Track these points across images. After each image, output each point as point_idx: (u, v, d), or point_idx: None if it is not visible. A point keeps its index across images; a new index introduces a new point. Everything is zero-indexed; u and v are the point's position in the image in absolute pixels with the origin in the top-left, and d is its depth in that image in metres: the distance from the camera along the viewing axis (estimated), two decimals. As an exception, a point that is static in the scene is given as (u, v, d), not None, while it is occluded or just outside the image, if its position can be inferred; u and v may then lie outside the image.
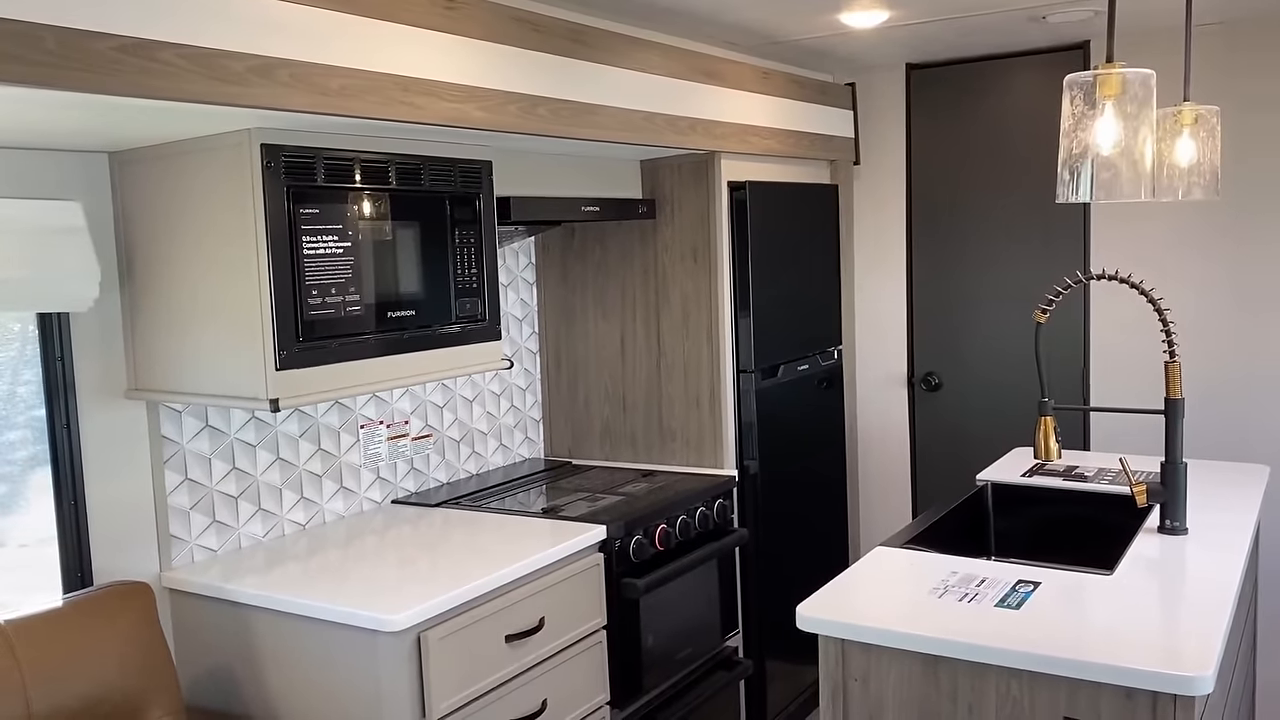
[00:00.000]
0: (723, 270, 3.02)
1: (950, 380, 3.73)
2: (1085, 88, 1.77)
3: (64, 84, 1.45)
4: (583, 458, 3.32)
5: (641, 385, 3.19)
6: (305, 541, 2.47)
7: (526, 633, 2.25)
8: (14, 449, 2.09)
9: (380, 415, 2.79)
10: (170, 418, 2.29)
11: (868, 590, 1.91)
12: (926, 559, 2.06)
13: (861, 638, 1.76)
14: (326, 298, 2.08)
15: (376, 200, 2.18)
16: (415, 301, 2.28)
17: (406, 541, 2.43)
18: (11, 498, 2.09)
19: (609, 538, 2.51)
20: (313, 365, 2.05)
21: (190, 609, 2.25)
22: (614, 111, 2.54)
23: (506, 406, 3.22)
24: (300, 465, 2.57)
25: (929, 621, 1.74)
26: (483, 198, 2.44)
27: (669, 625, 2.72)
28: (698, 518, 2.81)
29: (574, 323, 3.29)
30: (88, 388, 2.14)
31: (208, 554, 2.37)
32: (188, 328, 2.10)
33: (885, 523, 3.86)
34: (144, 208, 2.14)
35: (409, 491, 2.89)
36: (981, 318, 3.67)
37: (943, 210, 3.71)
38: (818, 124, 3.47)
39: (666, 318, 3.12)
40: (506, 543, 2.38)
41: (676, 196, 3.07)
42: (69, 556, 2.14)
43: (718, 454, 3.08)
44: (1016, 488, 2.66)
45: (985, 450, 3.67)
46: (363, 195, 2.14)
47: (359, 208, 2.13)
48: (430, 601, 2.02)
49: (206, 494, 2.36)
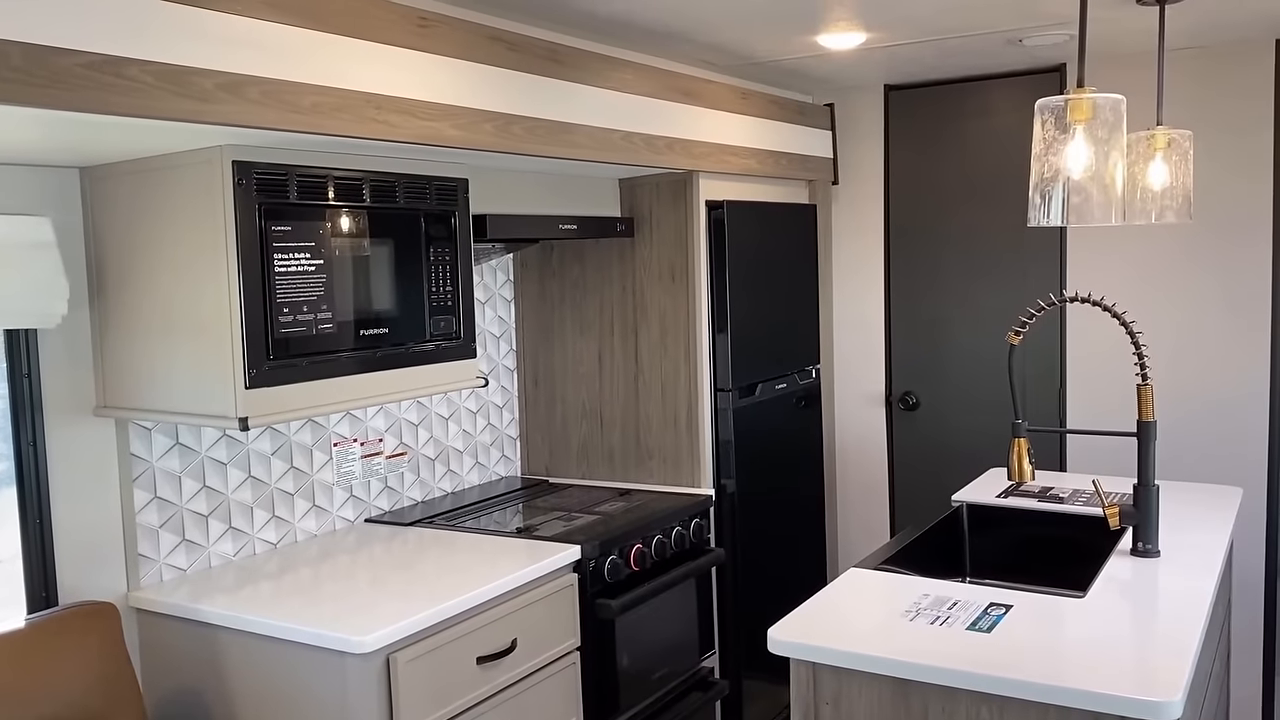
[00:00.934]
0: (700, 289, 3.02)
1: (928, 400, 3.74)
2: (1056, 112, 1.78)
3: (30, 100, 1.44)
4: (560, 476, 3.31)
5: (619, 403, 3.18)
6: (276, 561, 2.45)
7: (498, 654, 2.23)
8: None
9: (354, 433, 2.77)
10: (140, 435, 2.26)
11: (840, 612, 1.90)
12: (899, 581, 2.06)
13: (832, 661, 1.75)
14: (298, 315, 2.06)
15: (350, 218, 2.17)
16: (389, 319, 2.27)
17: (379, 561, 2.41)
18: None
19: (583, 558, 2.50)
20: (283, 384, 2.04)
21: (158, 629, 2.23)
22: (590, 130, 2.54)
23: (483, 424, 3.21)
24: (272, 483, 2.55)
25: (900, 644, 1.74)
26: (458, 215, 2.44)
27: (644, 646, 2.70)
28: (674, 537, 2.80)
29: (552, 340, 3.28)
30: (55, 405, 2.11)
31: (177, 573, 2.34)
32: (158, 345, 2.09)
33: (863, 542, 3.86)
34: (115, 223, 2.12)
35: (383, 510, 2.86)
36: (959, 338, 3.68)
37: (921, 230, 3.72)
38: (796, 144, 3.49)
39: (645, 336, 3.12)
40: (479, 563, 2.37)
41: (655, 215, 3.07)
42: (34, 576, 2.11)
43: (695, 473, 3.07)
44: (991, 509, 2.66)
45: (963, 470, 3.68)
46: (336, 213, 2.13)
47: (332, 225, 2.12)
48: (400, 623, 2.00)
49: (176, 512, 2.34)
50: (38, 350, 2.09)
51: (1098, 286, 3.42)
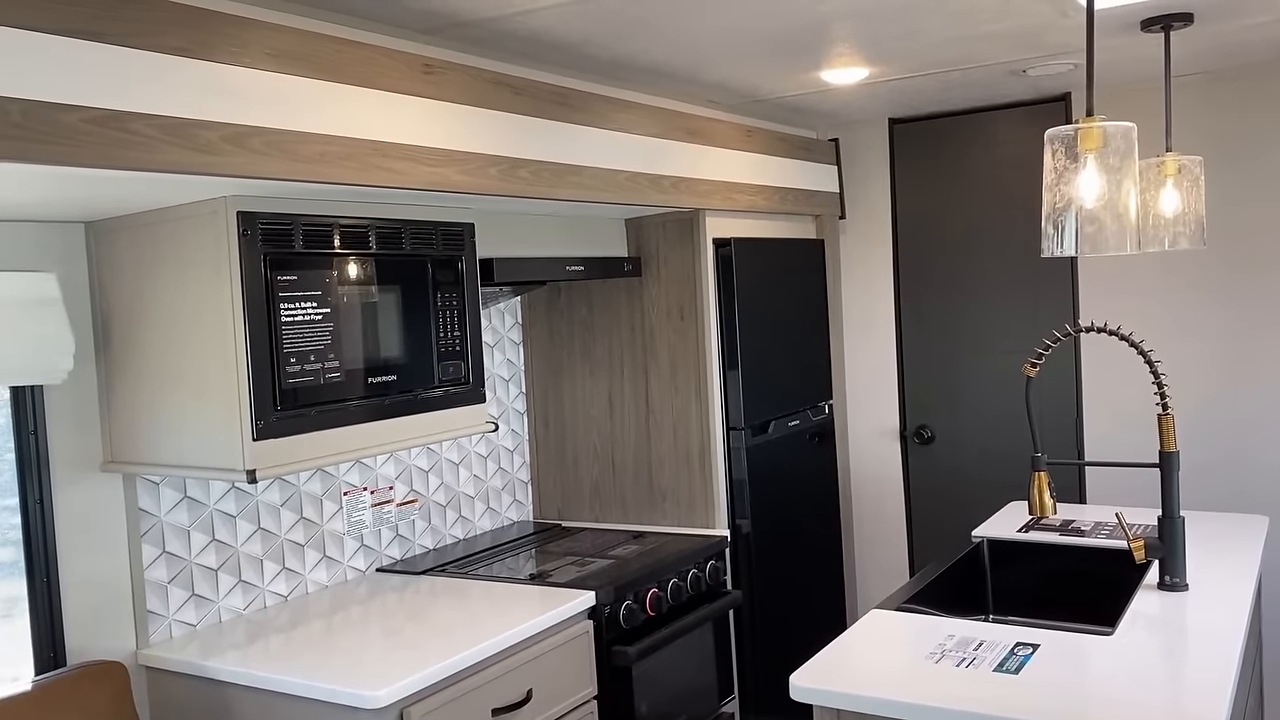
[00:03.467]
0: (710, 327, 3.00)
1: (943, 433, 3.70)
2: (1067, 141, 1.77)
3: (32, 157, 1.43)
4: (572, 519, 3.27)
5: (631, 444, 3.15)
6: (287, 614, 2.41)
7: (514, 706, 2.18)
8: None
9: (364, 481, 2.74)
10: (148, 489, 2.24)
11: (863, 656, 1.85)
12: (923, 621, 2.01)
13: (857, 707, 1.70)
14: (305, 365, 2.04)
15: (356, 265, 2.15)
16: (397, 366, 2.25)
17: (391, 612, 2.37)
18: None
19: (598, 604, 2.45)
20: (291, 434, 2.01)
21: (168, 687, 2.19)
22: (596, 172, 2.54)
23: (494, 468, 3.18)
24: (282, 535, 2.52)
25: (925, 689, 1.69)
26: (465, 260, 2.42)
27: (663, 692, 2.65)
28: (690, 580, 2.76)
29: (561, 382, 3.26)
30: (62, 461, 2.09)
31: (186, 629, 2.30)
32: (165, 398, 2.07)
33: (881, 578, 3.80)
34: (120, 277, 2.11)
35: (394, 559, 2.83)
36: (972, 369, 3.65)
37: (930, 262, 3.70)
38: (802, 179, 3.48)
39: (655, 375, 3.09)
40: (493, 611, 2.33)
41: (662, 254, 3.05)
42: (41, 635, 2.07)
43: (709, 513, 3.03)
44: (1013, 544, 2.61)
45: (981, 503, 3.63)
46: (342, 260, 2.12)
47: (338, 273, 2.11)
48: (413, 676, 1.96)
49: (185, 567, 2.30)
50: (44, 406, 2.07)
51: (1111, 315, 3.39)
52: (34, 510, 2.06)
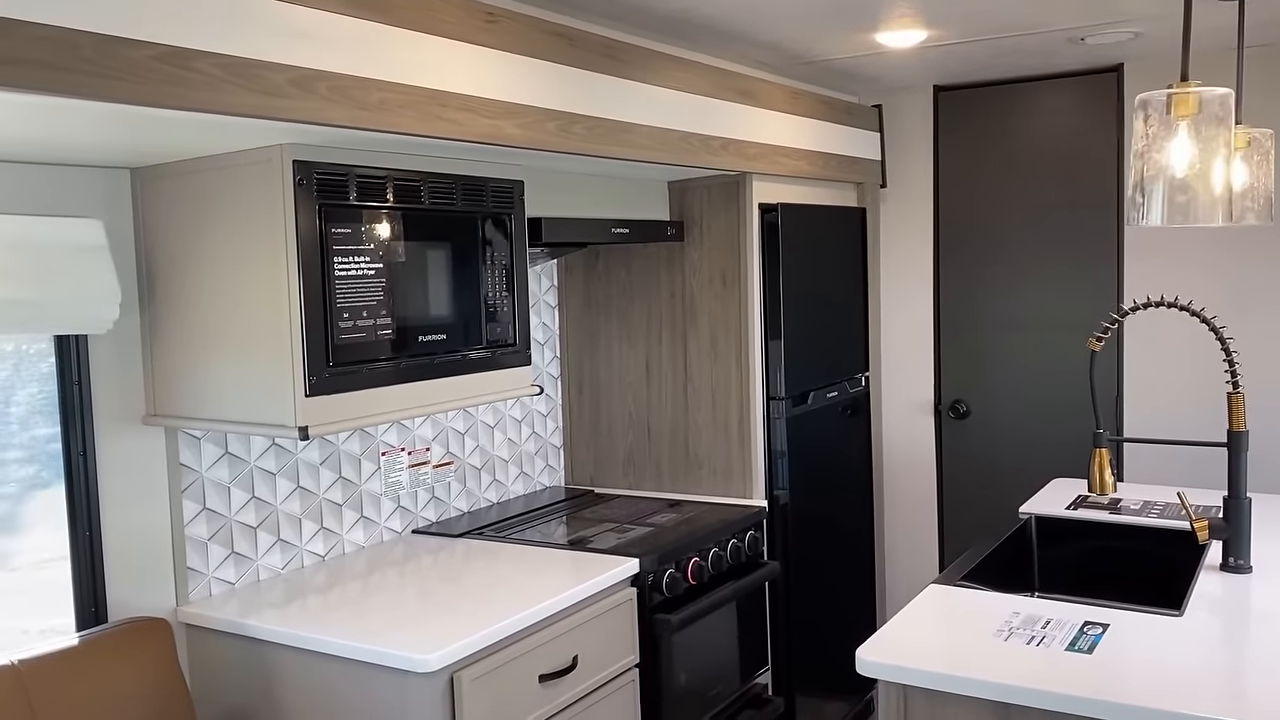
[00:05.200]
0: (753, 294, 2.94)
1: (979, 408, 3.65)
2: (1159, 107, 1.70)
3: (101, 94, 1.37)
4: (605, 486, 3.23)
5: (667, 412, 3.10)
6: (325, 574, 2.37)
7: (560, 672, 2.15)
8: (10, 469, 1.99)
9: (401, 442, 2.69)
10: (189, 444, 2.19)
11: (929, 632, 1.81)
12: (984, 598, 1.97)
13: (926, 683, 1.66)
14: (358, 321, 1.99)
15: (408, 220, 2.09)
16: (445, 325, 2.20)
17: (431, 574, 2.34)
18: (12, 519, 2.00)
19: (642, 571, 2.42)
20: (343, 391, 1.96)
21: (208, 646, 2.15)
22: (648, 130, 2.47)
23: (528, 433, 3.13)
24: (320, 494, 2.47)
25: (998, 666, 1.65)
26: (514, 218, 2.36)
27: (700, 662, 2.62)
28: (730, 550, 2.72)
29: (597, 347, 3.20)
30: (105, 413, 2.05)
31: (225, 587, 2.27)
32: (211, 351, 2.01)
33: (911, 553, 3.76)
34: (167, 226, 2.05)
35: (429, 521, 2.79)
36: (1011, 344, 3.59)
37: (971, 234, 3.64)
38: (845, 146, 3.41)
39: (694, 343, 3.04)
40: (536, 576, 2.29)
41: (705, 218, 2.99)
42: (83, 590, 2.04)
43: (746, 483, 2.99)
44: (1062, 521, 2.57)
45: (1015, 480, 3.58)
46: (395, 215, 2.06)
47: (391, 227, 2.05)
48: (463, 640, 1.92)
49: (225, 524, 2.26)
50: (88, 357, 2.02)
51: (1156, 289, 3.33)
52: (77, 462, 2.01)
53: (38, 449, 2.00)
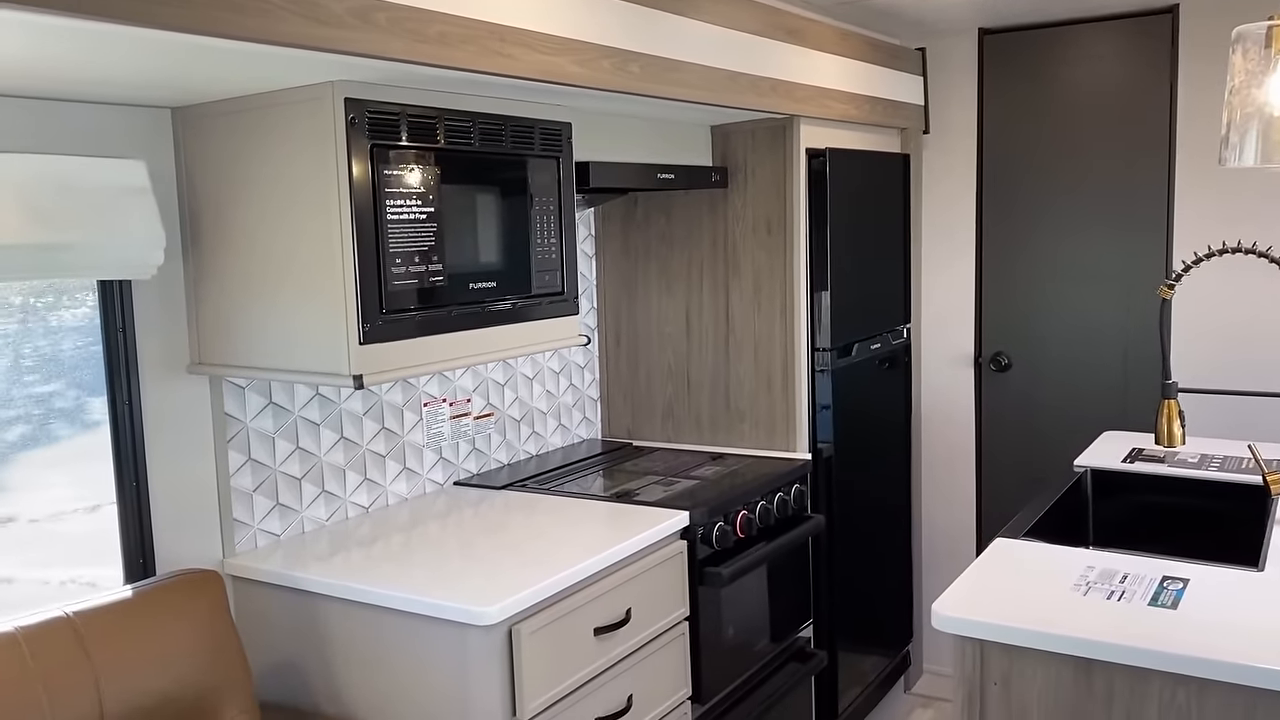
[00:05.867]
0: (799, 242, 2.86)
1: (1020, 360, 3.58)
2: (1257, 40, 1.62)
3: (156, 20, 1.29)
4: (643, 439, 3.18)
5: (708, 363, 3.04)
6: (370, 526, 2.33)
7: (614, 625, 2.11)
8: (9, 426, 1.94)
9: (443, 393, 2.64)
10: (233, 394, 2.14)
11: (1004, 587, 1.76)
12: (1055, 552, 1.92)
13: (1005, 639, 1.62)
14: (410, 267, 1.93)
15: (459, 163, 2.02)
16: (495, 272, 2.13)
17: (478, 527, 2.29)
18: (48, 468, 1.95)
19: (692, 524, 2.37)
20: (396, 339, 1.91)
21: (255, 598, 2.12)
22: (698, 70, 2.38)
23: (565, 385, 3.08)
24: (364, 445, 2.43)
25: (1080, 621, 1.60)
26: (562, 162, 2.29)
27: (747, 616, 2.59)
28: (776, 503, 2.67)
29: (635, 297, 3.14)
30: (150, 362, 1.99)
31: (271, 539, 2.23)
32: (258, 299, 1.95)
33: (947, 507, 3.72)
34: (210, 169, 1.98)
35: (471, 473, 2.74)
36: (1055, 295, 3.51)
37: (1015, 181, 3.55)
38: (890, 90, 3.31)
39: (736, 292, 2.97)
40: (587, 529, 2.24)
41: (750, 164, 2.91)
42: (130, 541, 2.00)
43: (790, 436, 2.93)
44: (1119, 474, 2.51)
45: (1057, 434, 3.53)
46: (446, 156, 1.99)
47: (442, 170, 1.98)
48: (522, 593, 1.88)
49: (270, 475, 2.22)
50: (132, 303, 1.96)
51: (1208, 238, 3.25)
52: (123, 411, 1.97)
53: (34, 406, 1.94)
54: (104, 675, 1.63)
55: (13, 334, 1.87)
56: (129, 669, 1.66)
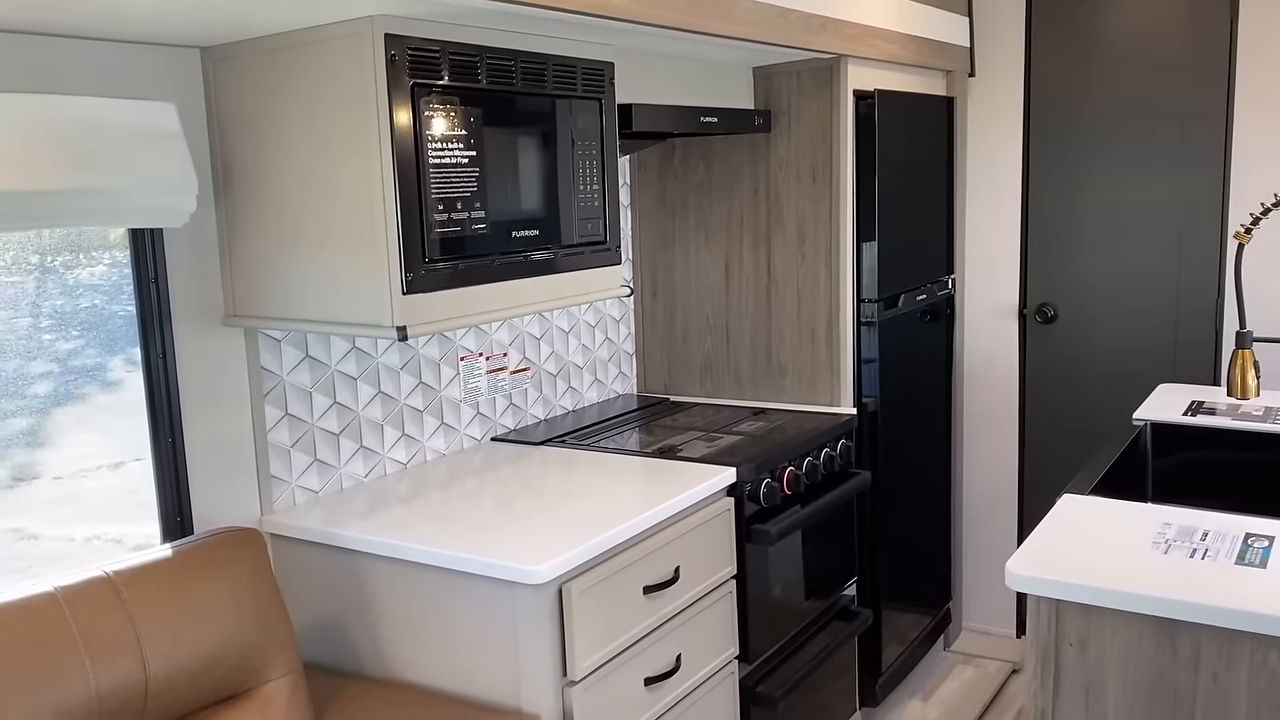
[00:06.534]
0: (846, 190, 2.76)
1: (1067, 312, 3.48)
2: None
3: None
4: (680, 394, 3.10)
5: (748, 316, 2.96)
6: (409, 482, 2.27)
7: (663, 584, 2.05)
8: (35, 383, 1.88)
9: (479, 347, 2.57)
10: (269, 347, 2.07)
11: (1079, 545, 1.69)
12: (1128, 508, 1.84)
13: (1083, 598, 1.55)
14: (452, 214, 1.84)
15: (500, 104, 1.93)
16: (537, 220, 2.05)
17: (518, 483, 2.23)
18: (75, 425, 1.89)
19: (739, 480, 2.30)
20: (439, 289, 1.83)
21: (295, 556, 2.06)
22: (749, 5, 2.27)
23: (601, 339, 3.00)
24: (401, 399, 2.36)
25: (1163, 580, 1.53)
26: (605, 104, 2.19)
27: (793, 573, 2.53)
28: (823, 459, 2.60)
29: (673, 249, 3.05)
30: (183, 313, 1.92)
31: (309, 495, 2.17)
32: (294, 247, 1.88)
33: (990, 464, 3.64)
34: (242, 111, 1.90)
35: (508, 428, 2.68)
36: (1103, 243, 3.40)
37: (1063, 125, 3.42)
38: (936, 30, 3.18)
39: (779, 242, 2.87)
40: (632, 485, 2.18)
41: (794, 107, 2.80)
42: (167, 498, 1.94)
43: (834, 390, 2.85)
44: (1181, 428, 2.43)
45: (1104, 388, 3.43)
46: (488, 98, 1.90)
47: (484, 112, 1.89)
48: (572, 551, 1.82)
49: (307, 430, 2.16)
50: (164, 253, 1.89)
51: (1268, 185, 3.12)
52: (157, 365, 1.90)
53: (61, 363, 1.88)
54: (147, 635, 1.58)
55: (31, 291, 1.81)
56: (172, 629, 1.61)
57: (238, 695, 1.70)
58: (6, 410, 1.78)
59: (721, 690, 2.27)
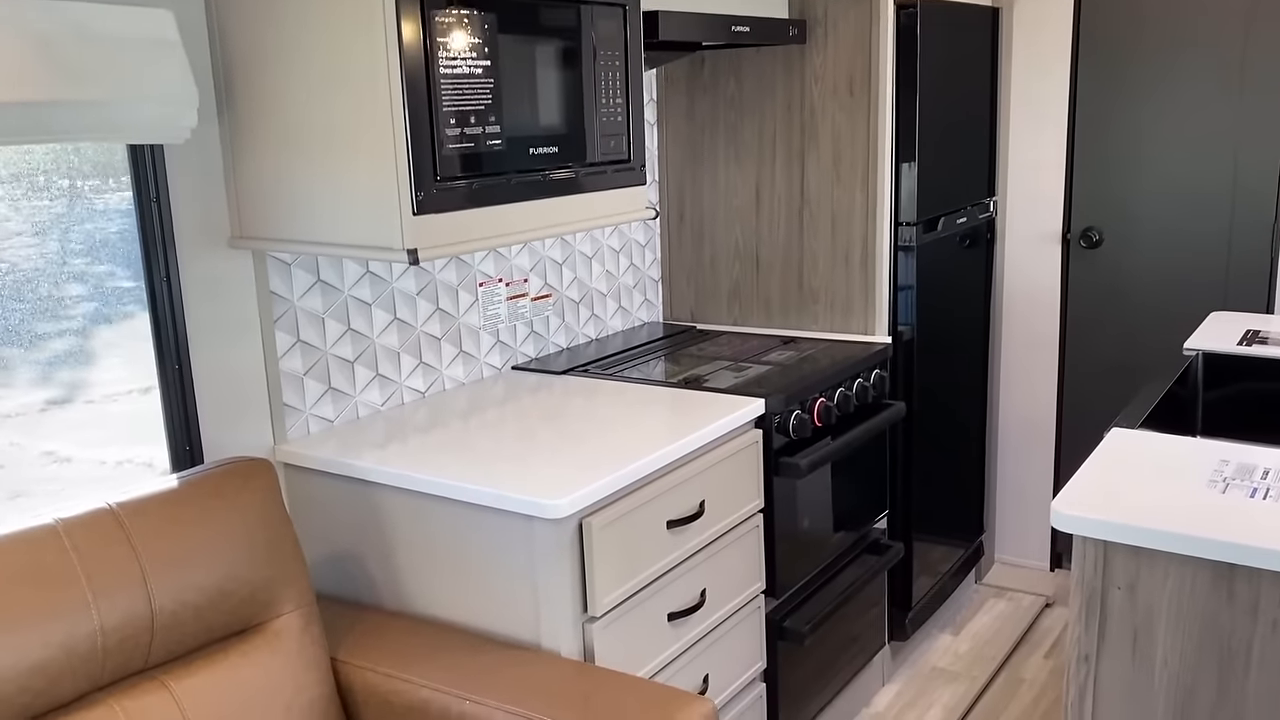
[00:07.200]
0: (885, 105, 2.61)
1: (1112, 236, 3.33)
2: None
3: None
4: (708, 322, 3.00)
5: (779, 240, 2.84)
6: (427, 411, 2.20)
7: (688, 518, 1.98)
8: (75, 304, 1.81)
9: (499, 272, 2.48)
10: (279, 270, 1.99)
11: (1130, 483, 1.59)
12: (1181, 444, 1.74)
13: (1134, 540, 1.45)
14: (465, 129, 1.73)
15: (517, 10, 1.80)
16: (556, 137, 1.93)
17: (540, 414, 2.15)
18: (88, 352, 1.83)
19: (767, 412, 2.21)
20: (452, 209, 1.73)
21: (309, 487, 2.01)
22: (783, -94, 2.11)
23: (625, 265, 2.89)
24: (418, 326, 2.28)
25: (1222, 522, 1.43)
26: (629, 10, 2.05)
27: (822, 508, 2.45)
28: (856, 390, 2.50)
29: (701, 169, 2.92)
30: (187, 235, 1.84)
31: (324, 425, 2.11)
32: (301, 165, 1.78)
33: (1027, 394, 3.52)
34: (244, 19, 1.78)
35: (529, 357, 2.60)
36: (1154, 163, 3.23)
37: (1116, 37, 3.23)
38: (983, -64, 2.99)
39: (813, 162, 2.74)
40: (656, 416, 2.09)
41: (830, 17, 2.64)
42: (175, 428, 1.88)
43: (868, 318, 2.74)
44: (1237, 359, 2.30)
45: (1151, 317, 3.29)
46: (503, 3, 1.77)
47: (499, 18, 1.76)
48: (593, 485, 1.74)
49: (320, 358, 2.08)
50: (165, 170, 1.80)
51: (1334, 104, 2.94)
52: (161, 289, 1.82)
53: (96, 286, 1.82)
54: (151, 569, 1.53)
55: (62, 215, 1.75)
56: (178, 562, 1.56)
57: (247, 630, 1.66)
58: (38, 334, 1.74)
59: (748, 625, 2.21)
